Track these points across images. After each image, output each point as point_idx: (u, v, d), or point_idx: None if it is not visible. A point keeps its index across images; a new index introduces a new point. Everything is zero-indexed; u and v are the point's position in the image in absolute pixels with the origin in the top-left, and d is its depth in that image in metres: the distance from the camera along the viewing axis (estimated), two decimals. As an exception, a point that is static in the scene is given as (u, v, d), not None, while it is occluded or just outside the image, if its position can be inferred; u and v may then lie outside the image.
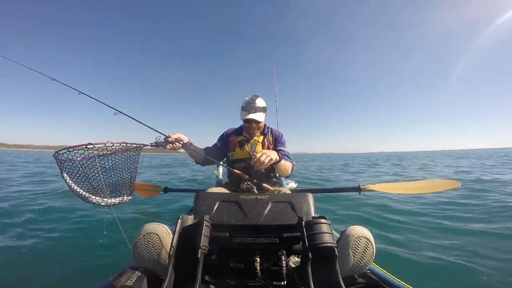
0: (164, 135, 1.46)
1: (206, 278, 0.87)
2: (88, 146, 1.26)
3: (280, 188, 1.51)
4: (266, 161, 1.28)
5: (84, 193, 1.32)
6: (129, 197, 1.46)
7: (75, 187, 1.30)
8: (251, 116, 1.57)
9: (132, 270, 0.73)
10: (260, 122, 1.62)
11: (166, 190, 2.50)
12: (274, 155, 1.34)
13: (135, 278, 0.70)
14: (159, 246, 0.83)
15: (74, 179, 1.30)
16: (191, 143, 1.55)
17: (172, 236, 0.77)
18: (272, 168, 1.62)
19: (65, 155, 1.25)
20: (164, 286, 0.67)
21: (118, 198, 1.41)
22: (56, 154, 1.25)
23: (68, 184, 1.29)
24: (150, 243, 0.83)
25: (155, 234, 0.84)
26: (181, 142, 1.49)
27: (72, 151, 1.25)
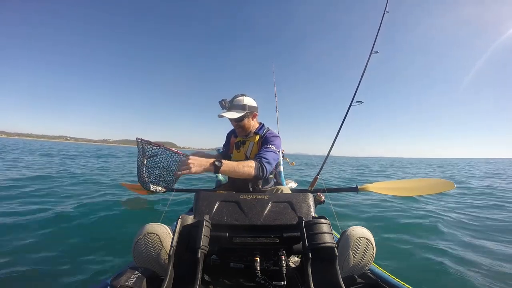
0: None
1: (206, 278, 0.87)
2: (161, 147, 1.67)
3: (279, 187, 1.49)
4: (184, 172, 1.10)
5: (146, 179, 1.72)
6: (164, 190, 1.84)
7: (144, 172, 1.69)
8: (221, 113, 1.51)
9: (132, 270, 0.73)
10: (239, 120, 1.54)
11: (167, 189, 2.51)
12: (199, 167, 1.12)
13: (135, 278, 0.70)
14: (159, 246, 0.83)
15: (149, 165, 1.70)
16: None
17: (172, 236, 0.77)
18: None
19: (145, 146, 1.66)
20: (164, 286, 0.67)
21: (160, 187, 1.82)
22: (139, 140, 1.63)
23: (139, 168, 1.70)
24: (150, 243, 0.83)
25: (155, 234, 0.84)
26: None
27: (148, 145, 1.65)
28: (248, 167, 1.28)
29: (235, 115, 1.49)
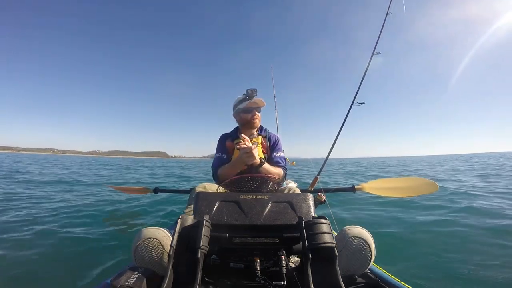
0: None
1: (206, 278, 0.87)
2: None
3: (291, 186, 1.44)
4: (247, 156, 1.26)
5: None
6: None
7: None
8: (257, 98, 1.55)
9: (132, 270, 0.73)
10: (260, 111, 1.61)
11: (156, 191, 2.53)
12: (255, 158, 1.30)
13: (135, 278, 0.70)
14: (160, 250, 0.84)
15: None
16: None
17: (171, 239, 0.77)
18: None
19: None
20: (164, 286, 0.67)
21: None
22: None
23: None
24: (151, 248, 0.83)
25: (155, 239, 0.84)
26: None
27: None
28: (277, 174, 1.44)
29: (263, 102, 1.60)
